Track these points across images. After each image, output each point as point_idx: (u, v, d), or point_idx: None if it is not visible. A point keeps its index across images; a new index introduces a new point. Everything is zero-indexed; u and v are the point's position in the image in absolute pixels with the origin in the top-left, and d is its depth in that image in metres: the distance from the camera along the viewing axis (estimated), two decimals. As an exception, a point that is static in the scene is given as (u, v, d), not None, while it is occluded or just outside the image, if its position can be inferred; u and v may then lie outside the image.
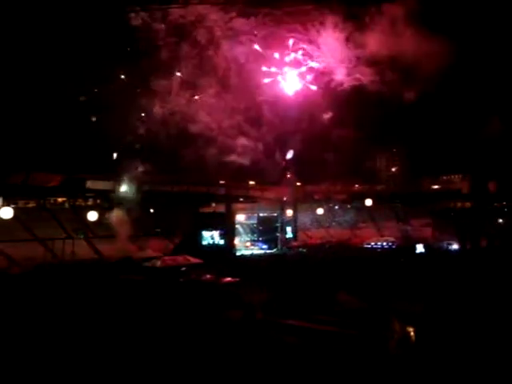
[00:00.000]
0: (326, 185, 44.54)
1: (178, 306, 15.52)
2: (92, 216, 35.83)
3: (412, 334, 15.27)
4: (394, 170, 50.10)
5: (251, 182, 43.70)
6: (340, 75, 35.22)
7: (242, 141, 35.51)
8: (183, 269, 30.84)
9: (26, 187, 34.34)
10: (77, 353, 11.63)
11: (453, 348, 12.04)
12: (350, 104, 36.47)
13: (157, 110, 35.39)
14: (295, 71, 36.91)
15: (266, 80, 36.65)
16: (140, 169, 37.05)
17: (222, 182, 41.34)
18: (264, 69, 36.45)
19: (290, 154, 40.03)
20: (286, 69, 36.88)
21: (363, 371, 10.51)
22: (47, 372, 10.83)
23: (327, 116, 37.43)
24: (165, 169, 36.93)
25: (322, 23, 33.79)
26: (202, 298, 17.30)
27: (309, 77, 36.83)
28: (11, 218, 31.95)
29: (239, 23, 34.09)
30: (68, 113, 33.53)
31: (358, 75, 34.55)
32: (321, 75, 36.37)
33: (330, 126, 37.19)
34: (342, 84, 35.44)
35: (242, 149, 35.65)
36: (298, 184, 44.51)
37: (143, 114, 36.26)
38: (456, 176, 46.64)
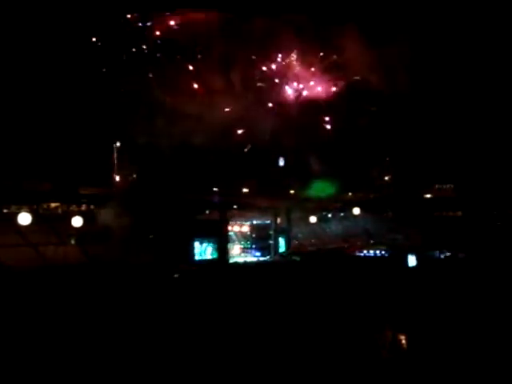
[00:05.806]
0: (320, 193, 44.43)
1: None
2: (77, 222, 35.06)
3: (404, 341, 15.32)
4: (386, 178, 50.20)
5: (245, 190, 43.63)
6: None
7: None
8: (176, 275, 30.83)
9: (19, 192, 34.09)
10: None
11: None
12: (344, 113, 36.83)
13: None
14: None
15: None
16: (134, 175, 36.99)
17: (215, 189, 41.27)
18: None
19: (281, 162, 40.18)
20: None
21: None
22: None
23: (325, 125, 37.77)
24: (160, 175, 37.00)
25: None
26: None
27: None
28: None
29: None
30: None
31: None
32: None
33: (325, 135, 37.43)
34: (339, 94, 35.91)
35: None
36: (292, 192, 44.49)
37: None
38: (448, 185, 46.80)
